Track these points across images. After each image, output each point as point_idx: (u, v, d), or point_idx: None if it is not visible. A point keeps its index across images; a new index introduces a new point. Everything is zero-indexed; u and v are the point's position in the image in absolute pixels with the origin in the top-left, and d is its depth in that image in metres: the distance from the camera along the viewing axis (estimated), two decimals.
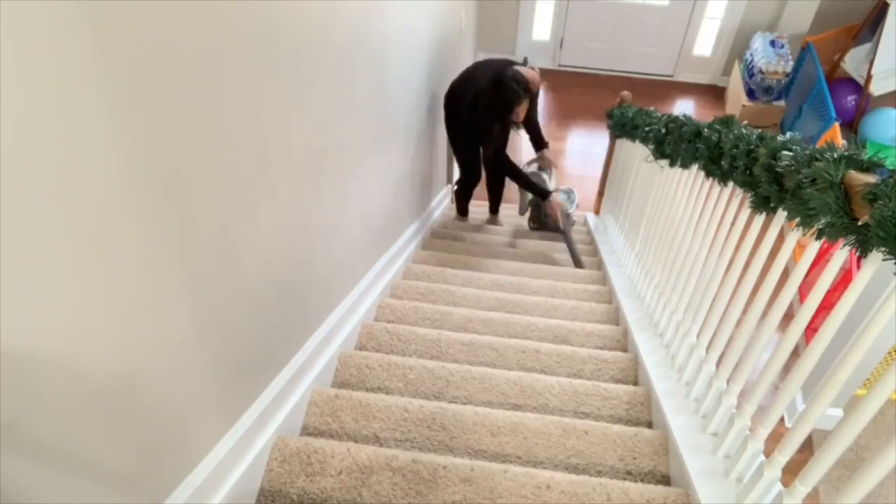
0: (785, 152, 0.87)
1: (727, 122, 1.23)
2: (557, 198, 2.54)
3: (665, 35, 5.07)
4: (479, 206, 3.36)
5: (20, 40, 0.47)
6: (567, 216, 2.57)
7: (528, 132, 2.74)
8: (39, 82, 0.49)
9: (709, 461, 1.07)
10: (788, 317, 0.90)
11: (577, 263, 2.56)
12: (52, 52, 0.50)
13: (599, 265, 2.57)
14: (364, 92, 1.46)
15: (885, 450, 0.66)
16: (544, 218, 2.81)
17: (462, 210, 3.19)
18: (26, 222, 0.50)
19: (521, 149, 3.51)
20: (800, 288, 1.71)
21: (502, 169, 2.53)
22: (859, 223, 0.69)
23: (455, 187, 3.08)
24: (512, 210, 3.39)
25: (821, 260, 2.01)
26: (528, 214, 3.03)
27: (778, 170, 0.88)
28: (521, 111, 2.25)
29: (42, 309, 0.54)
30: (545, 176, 2.79)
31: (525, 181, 2.52)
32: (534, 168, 2.85)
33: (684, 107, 4.92)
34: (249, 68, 0.84)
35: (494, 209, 3.20)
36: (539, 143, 2.81)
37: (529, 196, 2.80)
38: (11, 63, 0.46)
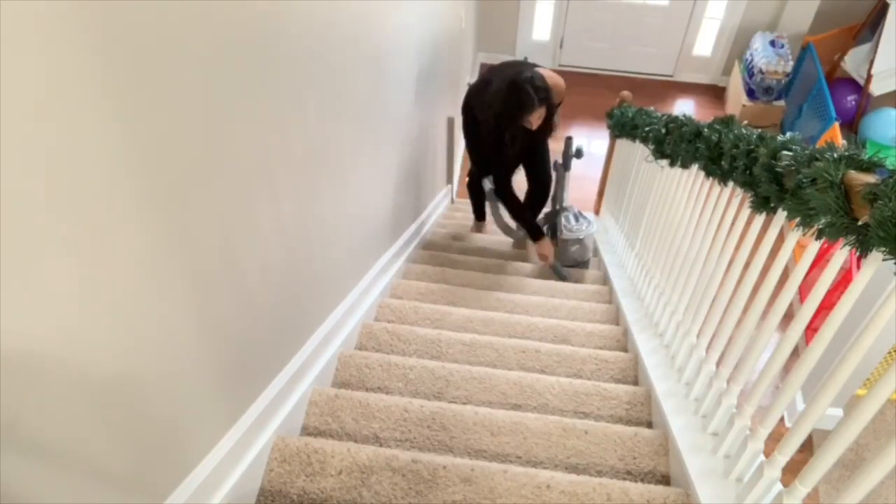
0: (785, 152, 0.87)
1: (727, 122, 1.23)
2: (547, 247, 2.29)
3: (665, 35, 5.07)
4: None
5: (22, 42, 0.47)
6: (577, 246, 2.36)
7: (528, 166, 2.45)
8: (42, 83, 0.49)
9: (709, 461, 1.07)
10: (788, 317, 0.90)
11: (563, 278, 2.37)
12: (55, 54, 0.50)
13: (599, 265, 2.57)
14: (364, 92, 1.46)
15: (885, 450, 0.66)
16: (558, 252, 2.48)
17: (478, 213, 3.01)
18: (27, 223, 0.50)
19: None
20: (800, 288, 1.71)
21: (499, 191, 2.30)
22: (859, 223, 0.69)
23: (467, 180, 2.83)
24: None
25: (821, 260, 2.01)
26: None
27: (778, 170, 0.88)
28: (534, 119, 2.01)
29: (43, 309, 0.54)
30: (570, 219, 2.41)
31: (519, 216, 2.32)
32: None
33: (684, 107, 4.92)
34: (249, 68, 0.84)
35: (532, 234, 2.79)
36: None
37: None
38: (14, 64, 0.46)
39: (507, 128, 2.03)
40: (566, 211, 2.48)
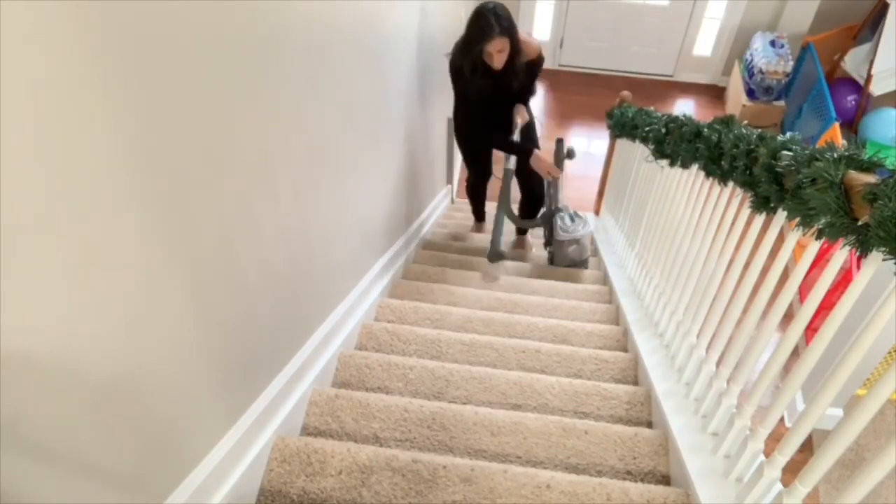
0: (785, 152, 0.87)
1: (727, 122, 1.23)
2: (542, 156, 2.21)
3: (665, 35, 5.07)
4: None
5: (20, 39, 0.47)
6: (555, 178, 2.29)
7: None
8: (41, 83, 0.49)
9: (709, 461, 1.07)
10: (788, 317, 0.90)
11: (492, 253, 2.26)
12: (54, 53, 0.50)
13: (599, 265, 2.57)
14: (364, 92, 1.46)
15: (885, 450, 0.66)
16: (555, 253, 2.46)
17: (478, 215, 2.90)
18: (27, 223, 0.50)
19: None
20: (800, 288, 1.71)
21: (484, 140, 2.25)
22: (859, 223, 0.69)
23: (465, 185, 2.77)
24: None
25: (821, 260, 2.01)
26: (542, 238, 2.66)
27: (778, 170, 0.88)
28: (493, 52, 1.92)
29: (42, 309, 0.54)
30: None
31: (507, 145, 2.24)
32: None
33: (684, 107, 4.91)
34: (250, 68, 0.84)
35: (521, 230, 2.77)
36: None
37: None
38: (12, 63, 0.46)
39: (468, 56, 1.96)
40: (561, 212, 2.47)
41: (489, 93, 2.10)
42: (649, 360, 1.47)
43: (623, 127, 2.39)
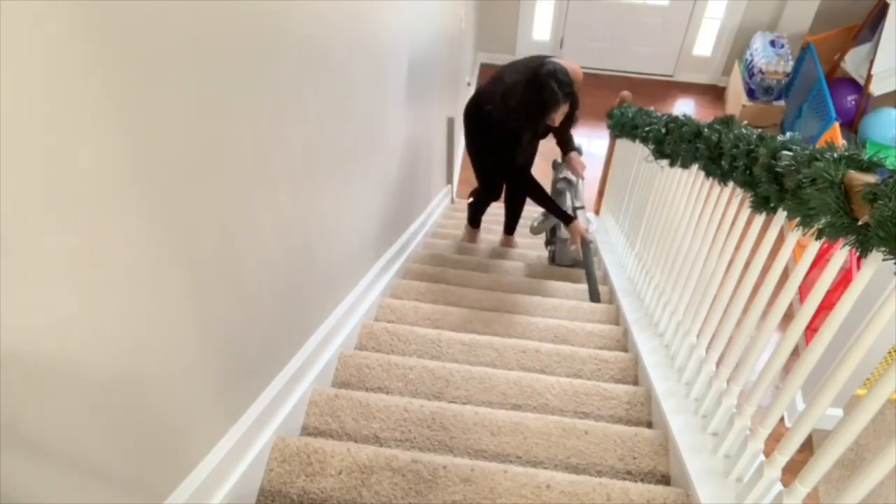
0: (785, 152, 0.87)
1: (727, 122, 1.23)
2: (581, 223, 2.21)
3: (665, 35, 5.07)
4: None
5: (20, 38, 0.46)
6: (587, 243, 2.27)
7: (557, 135, 2.38)
8: (39, 80, 0.49)
9: (709, 461, 1.07)
10: (788, 317, 0.90)
11: (593, 296, 2.16)
12: (53, 51, 0.50)
13: (599, 265, 2.58)
14: (363, 92, 1.46)
15: (885, 450, 0.66)
16: (557, 252, 2.50)
17: (474, 221, 2.89)
18: (26, 222, 0.50)
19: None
20: (800, 288, 1.71)
21: (523, 188, 2.23)
22: (859, 223, 0.69)
23: (471, 199, 2.77)
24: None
25: (821, 260, 2.01)
26: (542, 238, 2.73)
27: (778, 170, 0.88)
28: (557, 116, 1.87)
29: (42, 309, 0.54)
30: (572, 187, 2.44)
31: (550, 205, 2.20)
32: (563, 175, 2.49)
33: (684, 107, 4.92)
34: (249, 68, 0.84)
35: (510, 229, 2.84)
36: (567, 144, 2.45)
37: (542, 217, 2.48)
38: (11, 61, 0.46)
39: (528, 127, 1.90)
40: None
41: (532, 151, 2.13)
42: (649, 360, 1.47)
43: (623, 127, 2.39)
